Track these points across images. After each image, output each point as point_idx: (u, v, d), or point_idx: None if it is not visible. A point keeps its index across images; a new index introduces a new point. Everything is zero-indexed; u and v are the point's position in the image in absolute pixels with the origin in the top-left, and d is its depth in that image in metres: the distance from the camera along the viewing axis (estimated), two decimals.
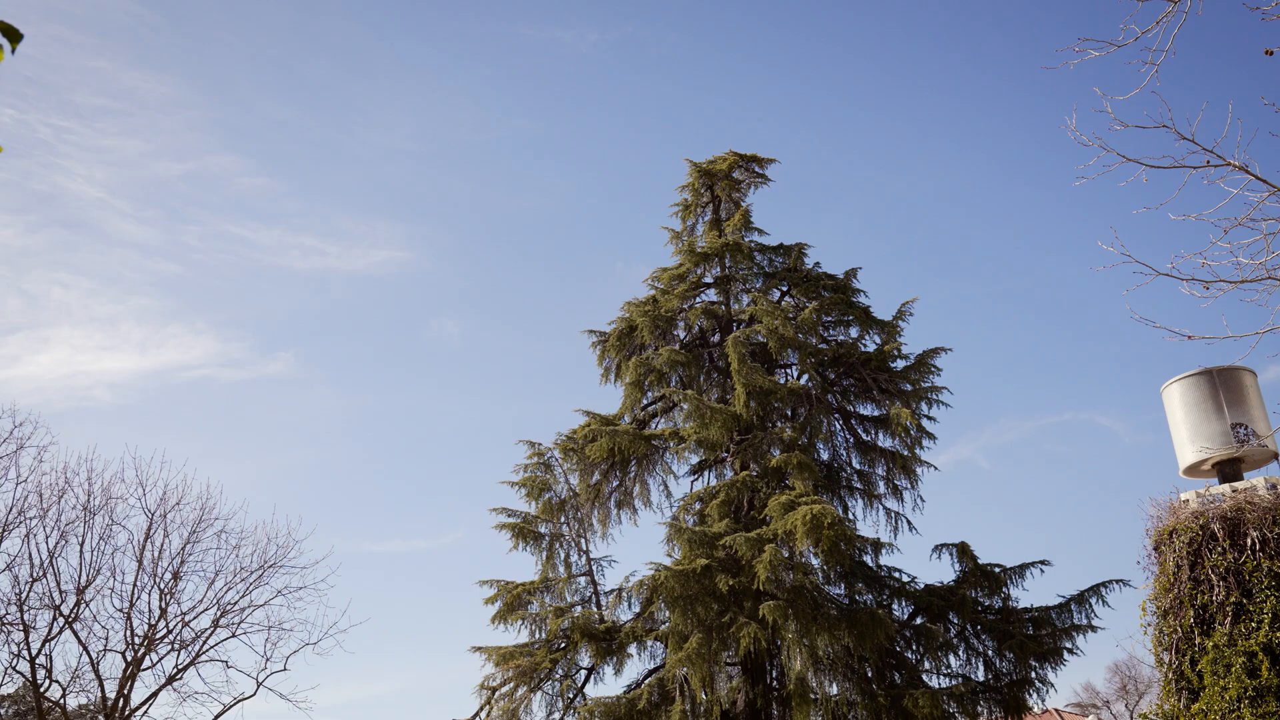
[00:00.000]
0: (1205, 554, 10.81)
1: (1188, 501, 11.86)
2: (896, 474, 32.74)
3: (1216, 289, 8.73)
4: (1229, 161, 8.89)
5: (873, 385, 32.76)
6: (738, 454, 31.20)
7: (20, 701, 49.55)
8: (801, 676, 26.47)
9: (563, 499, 33.46)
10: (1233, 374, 13.04)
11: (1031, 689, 29.70)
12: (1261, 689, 9.73)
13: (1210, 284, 8.76)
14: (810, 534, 26.18)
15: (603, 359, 35.28)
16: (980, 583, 30.87)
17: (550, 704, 31.72)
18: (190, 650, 23.12)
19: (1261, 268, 8.78)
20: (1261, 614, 10.13)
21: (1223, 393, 12.76)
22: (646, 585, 28.80)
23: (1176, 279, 8.74)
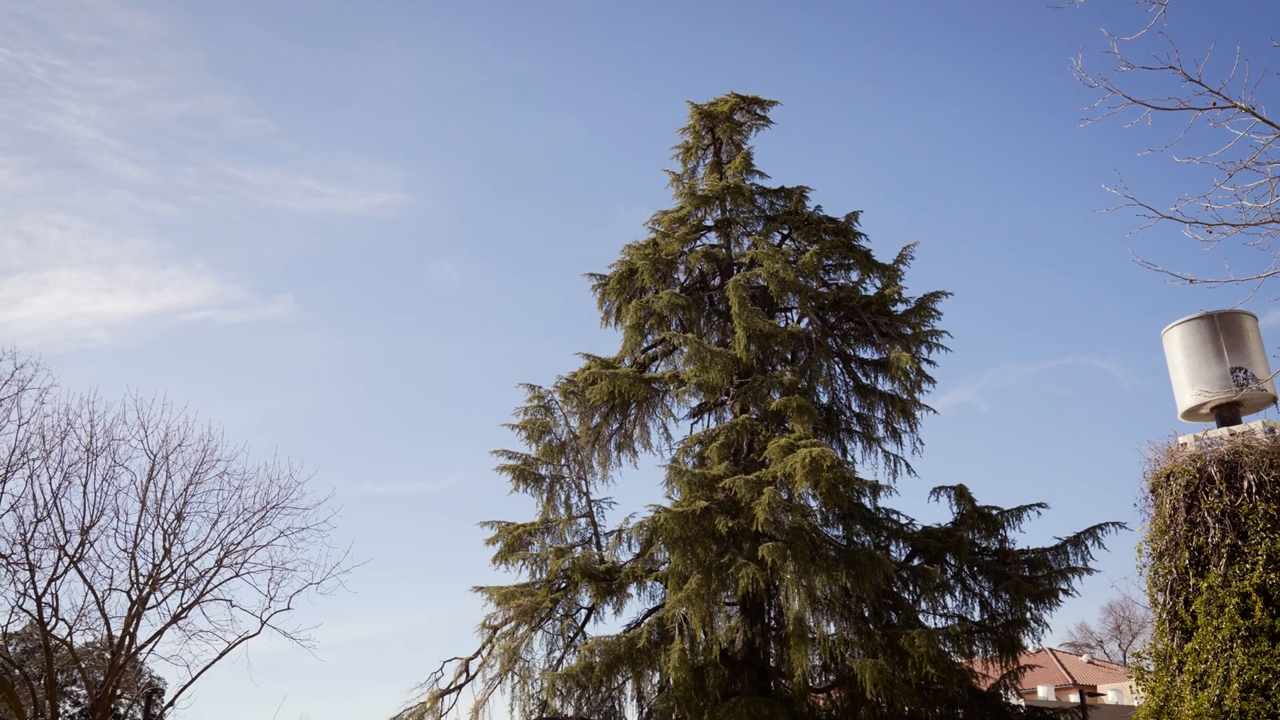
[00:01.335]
0: (1202, 497, 10.88)
1: (1185, 445, 11.91)
2: (896, 417, 32.87)
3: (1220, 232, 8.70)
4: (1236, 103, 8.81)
5: (873, 329, 32.76)
6: (737, 397, 31.29)
7: (28, 639, 50.18)
8: (799, 616, 26.78)
9: (563, 441, 33.62)
10: (1233, 318, 13.03)
11: (1026, 629, 30.08)
12: (1254, 629, 9.85)
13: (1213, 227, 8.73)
14: (809, 476, 26.34)
15: (603, 302, 35.26)
16: (977, 525, 31.13)
17: (551, 643, 32.17)
18: (194, 589, 23.38)
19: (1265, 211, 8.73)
20: (1256, 556, 10.22)
21: (1223, 337, 12.76)
22: (646, 527, 29.05)
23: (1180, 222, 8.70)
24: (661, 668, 29.01)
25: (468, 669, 32.10)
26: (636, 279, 34.19)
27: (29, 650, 48.92)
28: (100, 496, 25.02)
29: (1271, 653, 9.62)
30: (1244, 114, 8.78)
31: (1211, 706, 9.50)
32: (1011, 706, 30.14)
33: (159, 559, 22.98)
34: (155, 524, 23.16)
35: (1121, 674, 54.23)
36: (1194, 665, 10.05)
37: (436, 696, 31.78)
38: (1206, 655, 10.02)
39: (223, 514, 24.15)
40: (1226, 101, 8.75)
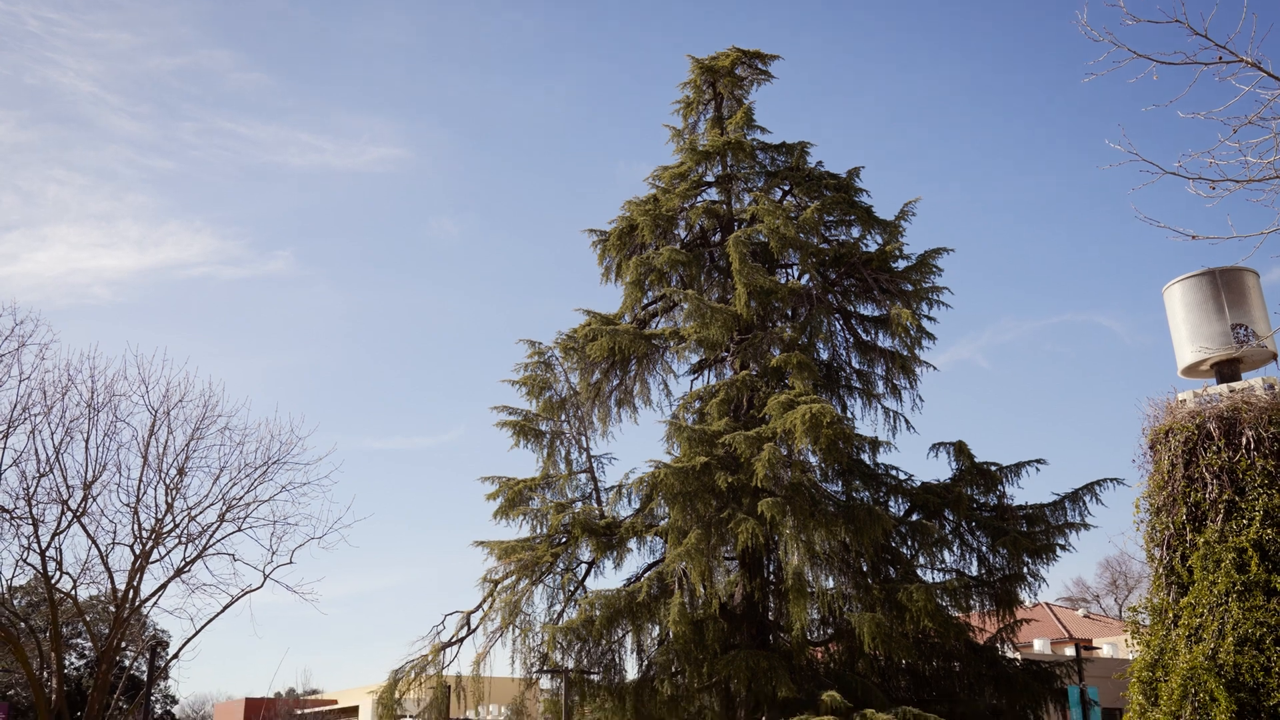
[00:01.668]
0: (1200, 453, 10.92)
1: (1185, 401, 11.94)
2: (896, 374, 32.93)
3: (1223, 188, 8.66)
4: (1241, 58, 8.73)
5: (873, 285, 32.72)
6: (738, 353, 31.33)
7: (33, 593, 50.60)
8: (798, 571, 26.99)
9: (563, 397, 33.70)
10: (1235, 274, 13.01)
11: (1023, 584, 30.35)
12: (1249, 584, 9.92)
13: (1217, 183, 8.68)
14: (809, 432, 26.44)
15: (603, 258, 35.18)
16: (976, 481, 31.30)
17: (551, 596, 32.44)
18: (197, 544, 23.54)
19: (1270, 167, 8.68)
20: (1253, 511, 10.28)
21: (1224, 293, 12.75)
22: (646, 482, 29.19)
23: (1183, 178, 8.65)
24: (661, 621, 29.28)
25: (469, 622, 32.40)
26: (637, 235, 34.10)
27: (34, 603, 49.33)
28: (102, 452, 25.13)
29: (1266, 607, 9.71)
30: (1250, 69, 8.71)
31: (1206, 660, 9.60)
32: (1007, 659, 30.49)
33: (161, 514, 23.13)
34: (157, 479, 23.30)
35: (1117, 628, 54.76)
36: (1189, 619, 10.14)
37: (438, 649, 32.11)
38: (1202, 609, 10.11)
39: (224, 469, 24.28)
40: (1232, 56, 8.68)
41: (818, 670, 28.63)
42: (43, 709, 22.49)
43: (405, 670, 32.03)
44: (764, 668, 26.76)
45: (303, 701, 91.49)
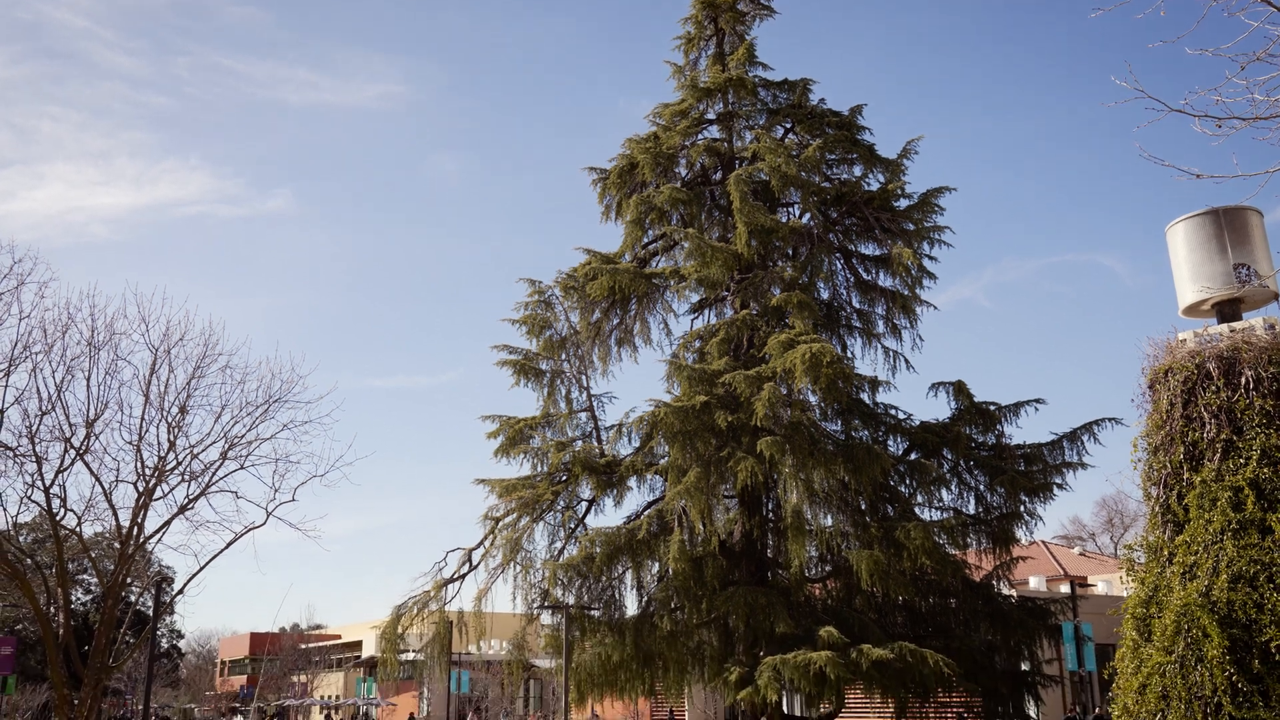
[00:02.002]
0: (1199, 392, 10.94)
1: (1185, 341, 11.93)
2: (896, 313, 32.88)
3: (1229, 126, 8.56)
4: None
5: (875, 224, 32.56)
6: (738, 292, 31.26)
7: (38, 529, 51.08)
8: (797, 509, 27.19)
9: (563, 336, 33.70)
10: (1239, 214, 12.93)
11: (1020, 522, 30.60)
12: (1245, 522, 9.99)
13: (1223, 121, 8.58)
14: (809, 372, 26.48)
15: (603, 196, 34.98)
16: (975, 420, 31.41)
17: (552, 534, 32.73)
18: (200, 481, 23.64)
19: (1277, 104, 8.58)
20: (1250, 451, 10.32)
21: (1227, 233, 12.68)
22: (646, 421, 29.30)
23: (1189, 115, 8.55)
24: (661, 558, 29.57)
25: (470, 559, 32.73)
26: (637, 173, 33.86)
27: (39, 540, 49.80)
28: (103, 390, 25.18)
29: (1261, 545, 9.79)
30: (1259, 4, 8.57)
31: (1200, 597, 9.70)
32: (1003, 596, 30.84)
33: (164, 451, 23.22)
34: (159, 417, 23.35)
35: (1112, 566, 55.31)
36: (1184, 557, 10.23)
37: (440, 585, 32.46)
38: (1197, 547, 10.20)
39: (226, 407, 24.31)
40: None
41: (815, 607, 28.97)
42: (50, 643, 22.78)
43: (408, 606, 32.40)
44: (762, 604, 27.07)
45: (307, 636, 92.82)
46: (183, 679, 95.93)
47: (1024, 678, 30.29)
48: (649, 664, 29.62)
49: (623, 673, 29.49)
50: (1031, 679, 30.57)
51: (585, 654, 30.12)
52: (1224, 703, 9.21)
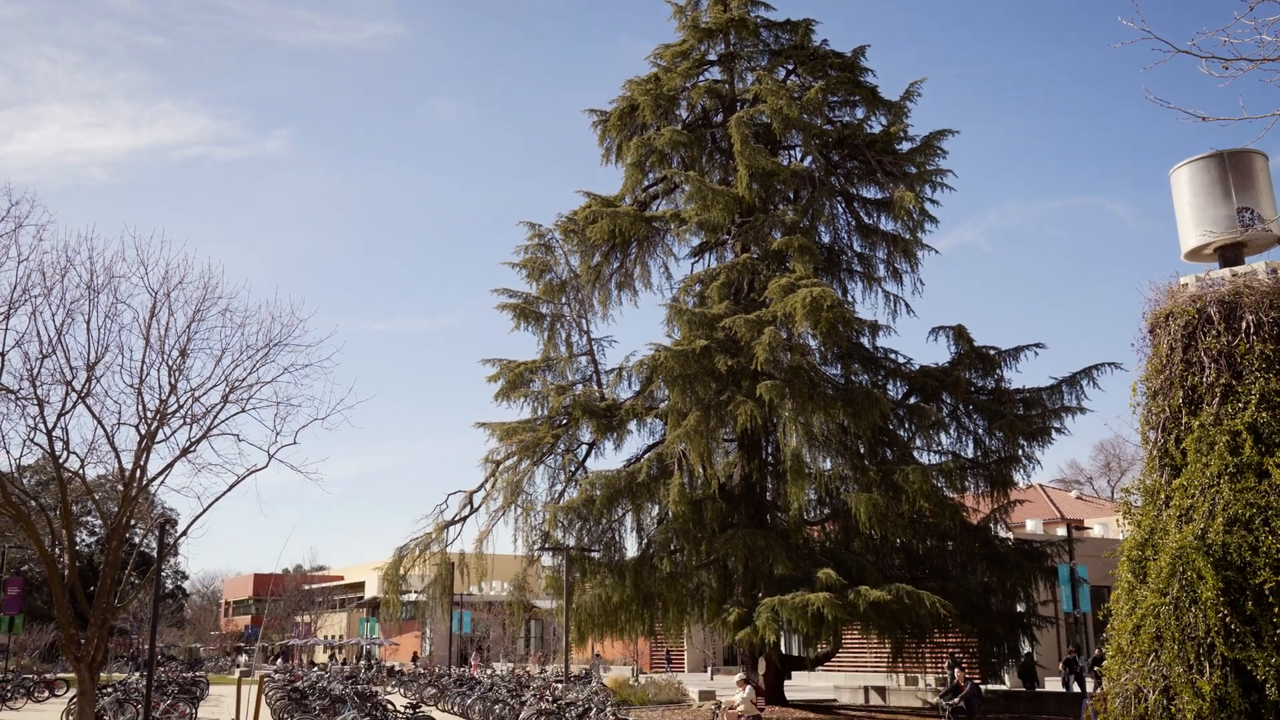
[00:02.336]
0: (1200, 337, 10.93)
1: (1186, 285, 11.89)
2: (897, 257, 32.79)
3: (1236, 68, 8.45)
4: None
5: (877, 168, 32.35)
6: (738, 236, 31.15)
7: (41, 472, 51.36)
8: (797, 452, 27.31)
9: (563, 280, 33.64)
10: (1243, 157, 12.82)
11: (1018, 466, 30.77)
12: (1242, 466, 10.03)
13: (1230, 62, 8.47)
14: (809, 316, 26.46)
15: (603, 139, 34.72)
16: (975, 364, 31.46)
17: (552, 476, 32.94)
18: (202, 424, 23.57)
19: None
20: (1249, 395, 10.33)
21: (1232, 176, 12.59)
22: (646, 365, 29.34)
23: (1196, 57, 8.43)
24: (661, 501, 29.78)
25: (471, 501, 32.97)
26: (637, 115, 33.58)
27: (43, 482, 50.07)
28: (104, 333, 25.08)
29: (1257, 489, 9.84)
30: None
31: (1195, 539, 9.77)
32: (1000, 539, 31.10)
33: (165, 395, 23.16)
34: (160, 360, 23.25)
35: (1109, 509, 55.66)
36: (1181, 500, 10.29)
37: (442, 527, 32.72)
38: (1194, 491, 10.25)
39: (226, 351, 24.19)
40: None
41: (814, 549, 29.22)
42: (56, 584, 22.97)
43: (409, 548, 32.70)
44: (761, 546, 27.30)
45: (310, 577, 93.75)
46: (188, 619, 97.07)
47: (1019, 619, 30.64)
48: (648, 605, 29.95)
49: (623, 613, 29.82)
50: (1027, 620, 30.92)
51: (585, 595, 30.42)
52: (1217, 643, 9.32)
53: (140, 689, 27.29)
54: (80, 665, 22.31)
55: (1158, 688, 9.64)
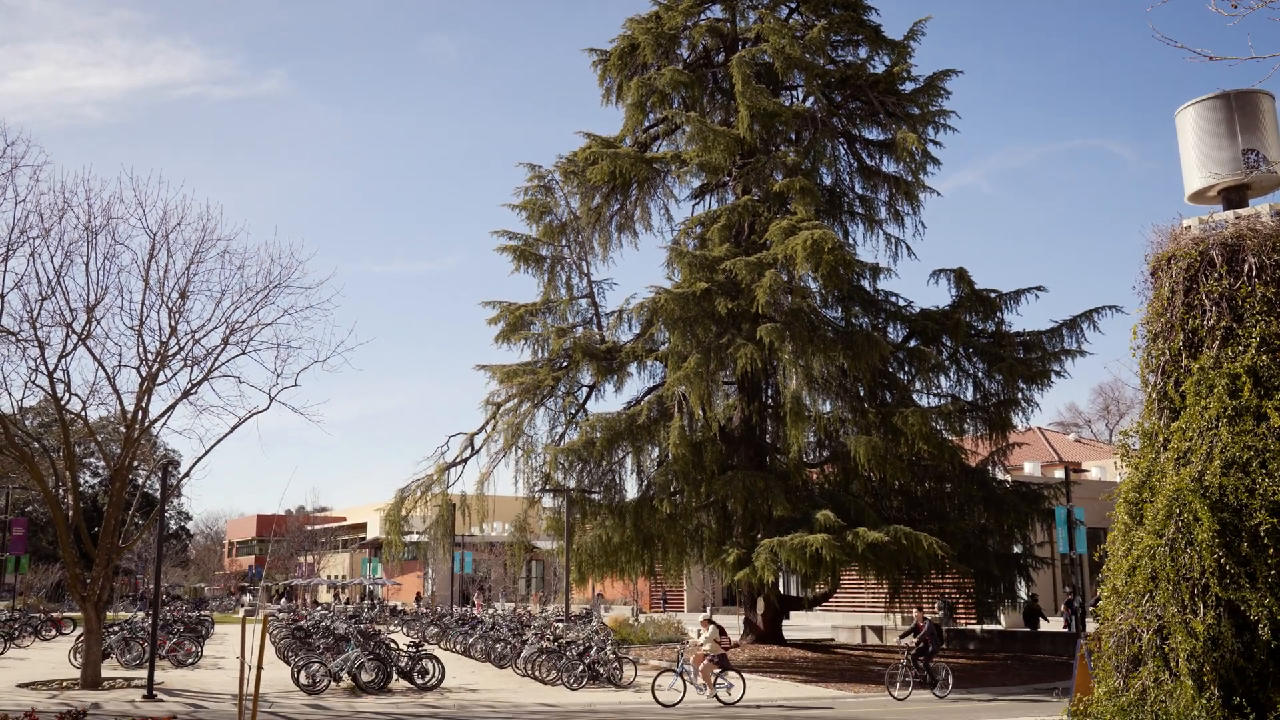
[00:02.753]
0: (1201, 279, 10.89)
1: (1190, 228, 11.82)
2: (899, 199, 32.62)
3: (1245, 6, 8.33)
4: None
5: (879, 108, 32.06)
6: (740, 178, 30.95)
7: (43, 413, 51.51)
8: (796, 395, 27.37)
9: (563, 222, 33.50)
10: (1250, 98, 12.68)
11: (1017, 409, 30.89)
12: (1240, 409, 10.05)
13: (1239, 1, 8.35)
14: (810, 259, 26.39)
15: (604, 79, 34.37)
16: (975, 307, 31.42)
17: (553, 419, 33.07)
18: (202, 366, 23.63)
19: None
20: (1250, 338, 10.32)
21: (1238, 117, 12.46)
22: (647, 307, 29.30)
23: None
24: (661, 443, 29.92)
25: (472, 443, 33.12)
26: (638, 55, 33.20)
27: (46, 424, 50.25)
28: (103, 275, 25.07)
29: (1255, 431, 9.87)
30: None
31: (1192, 482, 9.82)
32: (998, 481, 31.31)
33: (165, 337, 23.20)
34: (160, 302, 23.25)
35: (1107, 452, 55.91)
36: (1179, 443, 10.33)
37: (443, 469, 32.91)
38: (1192, 434, 10.28)
39: (225, 293, 24.18)
40: None
41: (813, 491, 29.40)
42: (60, 525, 23.18)
43: (411, 489, 32.91)
44: (761, 487, 27.47)
45: (312, 518, 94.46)
46: (192, 559, 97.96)
47: (1016, 560, 30.93)
48: (648, 546, 30.21)
49: (623, 554, 30.10)
50: (1023, 561, 31.21)
51: (586, 536, 30.67)
52: (1211, 584, 9.40)
53: (146, 628, 27.65)
54: (86, 604, 22.59)
55: (1151, 627, 9.75)
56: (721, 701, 19.72)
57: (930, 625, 22.01)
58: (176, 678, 24.65)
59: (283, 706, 19.13)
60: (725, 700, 19.76)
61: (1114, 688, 9.92)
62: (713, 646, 20.12)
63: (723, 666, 20.24)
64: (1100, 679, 10.21)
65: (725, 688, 20.03)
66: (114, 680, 23.24)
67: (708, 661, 20.09)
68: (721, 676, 20.16)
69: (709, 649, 20.13)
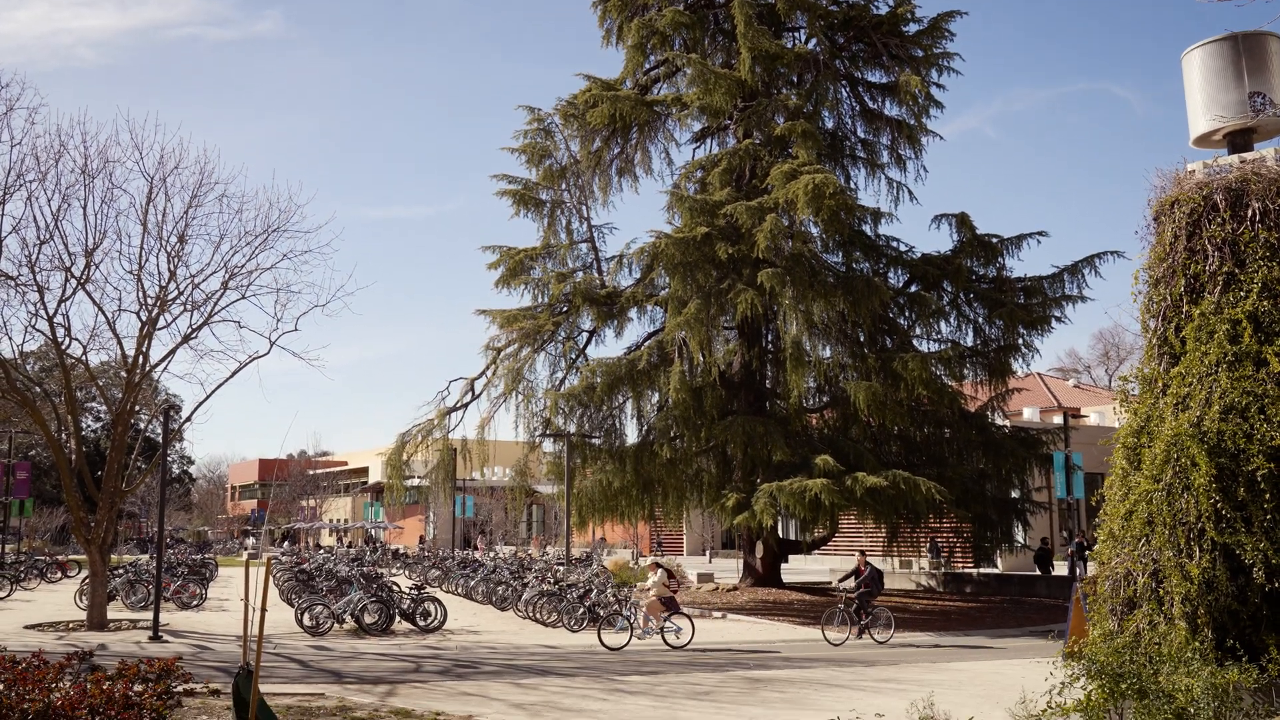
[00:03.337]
0: (1204, 224, 10.82)
1: (1194, 172, 11.72)
2: (901, 143, 32.39)
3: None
4: None
5: (883, 50, 31.70)
6: (741, 121, 30.68)
7: (44, 358, 51.60)
8: (796, 340, 27.38)
9: (563, 165, 33.27)
10: (1258, 39, 12.51)
11: (1017, 354, 30.91)
12: (1240, 354, 10.04)
13: None
14: (811, 203, 26.24)
15: (604, 19, 33.93)
16: (976, 252, 31.32)
17: (553, 364, 33.11)
18: (203, 311, 23.59)
19: None
20: (1251, 283, 10.28)
21: (1245, 59, 12.29)
22: (647, 252, 29.22)
23: None
24: (661, 388, 29.98)
25: (473, 388, 33.20)
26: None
27: (47, 368, 50.36)
28: (101, 219, 24.92)
29: (1255, 377, 9.86)
30: None
31: (1191, 427, 9.84)
32: (997, 426, 31.41)
33: (165, 281, 23.14)
34: (158, 246, 23.14)
35: (1106, 398, 56.06)
36: (1178, 388, 10.33)
37: (444, 413, 33.01)
38: (1191, 379, 10.28)
39: (225, 237, 24.13)
40: None
41: (812, 436, 29.52)
42: (64, 468, 23.31)
43: (412, 434, 33.03)
44: (760, 433, 27.56)
45: (314, 462, 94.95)
46: (195, 503, 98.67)
47: (1013, 504, 31.13)
48: (648, 490, 30.40)
49: (623, 498, 30.29)
50: (1020, 505, 31.41)
51: (586, 480, 30.85)
52: (1207, 528, 9.45)
53: (151, 570, 27.91)
54: (91, 547, 22.78)
55: (1147, 571, 9.82)
56: (669, 645, 19.62)
57: (871, 569, 21.60)
58: (181, 620, 24.94)
59: (287, 648, 19.37)
60: (673, 644, 19.65)
61: (1108, 630, 10.01)
62: (659, 590, 20.09)
63: (671, 610, 20.13)
64: (1095, 622, 10.30)
65: (674, 631, 19.92)
66: (120, 622, 23.52)
67: (654, 603, 20.07)
68: (670, 620, 20.07)
69: (656, 593, 20.11)
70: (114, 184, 23.20)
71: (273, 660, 17.21)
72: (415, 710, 12.46)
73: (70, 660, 10.47)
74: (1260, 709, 8.52)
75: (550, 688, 14.61)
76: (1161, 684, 7.55)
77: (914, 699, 8.16)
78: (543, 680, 15.36)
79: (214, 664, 16.69)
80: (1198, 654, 8.69)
